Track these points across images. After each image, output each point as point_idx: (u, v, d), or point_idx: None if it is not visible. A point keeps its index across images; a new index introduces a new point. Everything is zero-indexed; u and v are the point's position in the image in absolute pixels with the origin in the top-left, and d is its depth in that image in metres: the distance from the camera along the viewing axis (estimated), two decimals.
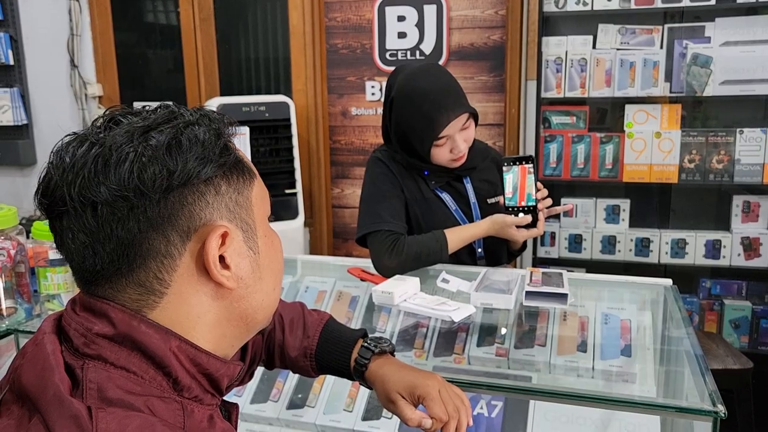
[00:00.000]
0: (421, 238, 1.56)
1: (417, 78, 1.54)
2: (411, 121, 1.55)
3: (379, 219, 1.58)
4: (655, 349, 1.39)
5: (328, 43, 3.17)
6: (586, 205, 2.80)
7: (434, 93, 1.51)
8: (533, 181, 1.52)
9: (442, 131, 1.52)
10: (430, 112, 1.51)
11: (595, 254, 2.79)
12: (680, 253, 2.70)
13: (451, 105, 1.51)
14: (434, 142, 1.55)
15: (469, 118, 1.56)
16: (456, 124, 1.53)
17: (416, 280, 1.39)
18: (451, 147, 1.56)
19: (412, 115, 1.54)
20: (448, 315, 1.26)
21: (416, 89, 1.52)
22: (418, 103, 1.52)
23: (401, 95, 1.55)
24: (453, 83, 1.55)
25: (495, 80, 2.99)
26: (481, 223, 1.60)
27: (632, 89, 2.65)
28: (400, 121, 1.58)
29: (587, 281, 1.61)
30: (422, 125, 1.53)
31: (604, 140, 2.73)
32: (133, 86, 3.51)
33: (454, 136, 1.55)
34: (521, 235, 1.54)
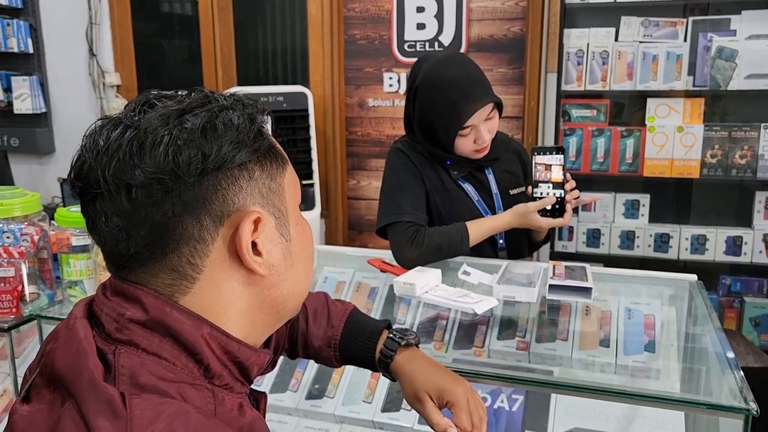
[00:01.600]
0: (442, 229, 1.55)
1: (443, 66, 1.52)
2: (437, 110, 1.54)
3: (400, 210, 1.57)
4: (679, 345, 1.37)
5: (346, 33, 3.15)
6: (605, 200, 2.77)
7: (461, 82, 1.49)
8: (562, 172, 1.50)
9: (468, 120, 1.50)
10: (456, 100, 1.49)
11: (613, 249, 2.77)
12: (700, 250, 2.67)
13: (478, 94, 1.49)
14: (459, 132, 1.53)
15: (493, 108, 1.54)
16: (481, 114, 1.51)
17: (437, 271, 1.38)
18: (476, 137, 1.55)
19: (438, 103, 1.52)
20: (470, 307, 1.25)
21: (443, 77, 1.51)
22: (445, 91, 1.50)
23: (427, 83, 1.53)
24: (479, 72, 1.54)
25: (514, 72, 2.96)
26: (503, 215, 1.58)
27: (654, 83, 2.61)
28: (425, 109, 1.56)
29: (609, 276, 1.59)
30: (448, 114, 1.51)
31: (625, 134, 2.70)
32: (150, 76, 3.52)
33: (478, 126, 1.53)
34: (546, 222, 1.52)
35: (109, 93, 3.46)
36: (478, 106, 1.49)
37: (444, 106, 1.52)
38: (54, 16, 3.43)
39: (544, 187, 1.52)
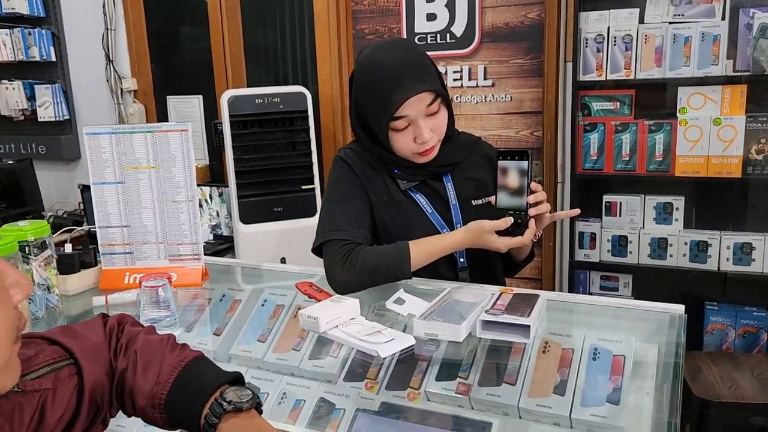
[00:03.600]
0: (380, 249, 1.35)
1: (378, 51, 1.34)
2: (368, 99, 1.35)
3: (335, 227, 1.38)
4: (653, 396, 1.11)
5: (355, 28, 2.97)
6: (633, 203, 2.46)
7: (393, 67, 1.30)
8: (527, 181, 1.26)
9: (399, 110, 1.30)
10: (385, 87, 1.30)
11: (642, 259, 2.45)
12: (745, 260, 2.31)
13: (411, 81, 1.29)
14: (391, 124, 1.33)
15: (436, 101, 1.33)
16: (417, 106, 1.31)
17: (355, 302, 1.18)
18: (415, 134, 1.34)
19: (368, 91, 1.34)
20: (374, 349, 1.05)
21: (375, 63, 1.32)
22: (376, 77, 1.31)
23: (360, 70, 1.36)
24: (419, 59, 1.33)
25: (532, 63, 2.69)
26: (456, 233, 1.36)
27: (687, 69, 2.28)
28: (358, 100, 1.38)
29: (581, 305, 1.33)
30: (377, 103, 1.32)
31: (654, 128, 2.38)
32: (165, 80, 3.48)
33: (417, 120, 1.32)
34: (503, 243, 1.29)
35: (126, 98, 3.45)
36: (409, 94, 1.28)
37: (374, 95, 1.33)
38: (75, 23, 3.45)
39: (504, 197, 1.29)
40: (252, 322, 1.47)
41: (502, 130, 2.77)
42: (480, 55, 2.77)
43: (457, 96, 2.81)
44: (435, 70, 1.37)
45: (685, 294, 2.50)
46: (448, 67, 2.81)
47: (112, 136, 1.37)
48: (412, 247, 1.34)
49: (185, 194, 1.40)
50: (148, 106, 3.45)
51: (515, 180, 1.26)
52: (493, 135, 2.79)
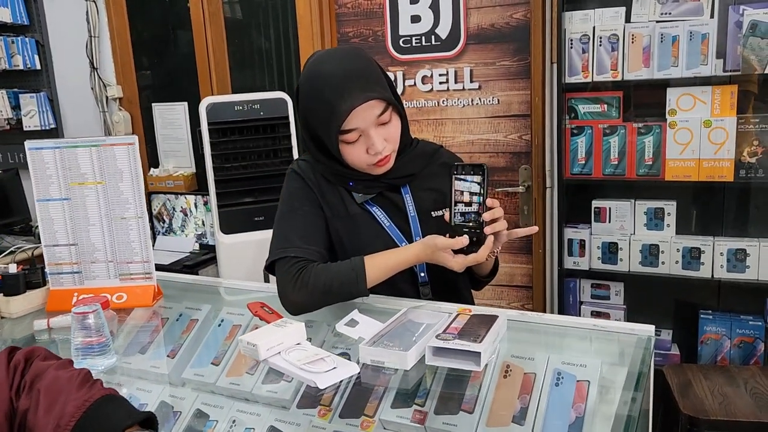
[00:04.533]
0: (333, 266, 1.28)
1: (321, 61, 1.28)
2: (314, 111, 1.29)
3: (287, 243, 1.32)
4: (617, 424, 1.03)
5: (339, 32, 2.91)
6: (622, 209, 2.37)
7: (337, 77, 1.23)
8: (483, 197, 1.19)
9: (346, 122, 1.24)
10: (330, 98, 1.23)
11: (633, 266, 2.36)
12: (739, 267, 2.22)
13: (357, 90, 1.22)
14: (340, 137, 1.26)
15: (387, 109, 1.26)
16: (366, 116, 1.24)
17: (300, 326, 1.11)
18: (367, 145, 1.27)
19: (314, 103, 1.27)
20: (312, 379, 0.98)
21: (320, 73, 1.26)
22: (321, 88, 1.25)
23: (304, 82, 1.29)
24: (364, 66, 1.26)
25: (520, 65, 2.61)
26: (412, 247, 1.29)
27: (676, 69, 2.19)
28: (305, 113, 1.32)
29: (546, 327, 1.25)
30: (324, 115, 1.26)
31: (643, 131, 2.29)
32: (151, 88, 3.43)
33: (367, 131, 1.26)
34: (457, 262, 1.22)
35: (112, 106, 3.40)
36: (355, 104, 1.21)
37: (320, 107, 1.26)
38: (59, 30, 3.41)
39: (459, 214, 1.22)
40: (207, 343, 1.41)
41: (490, 134, 2.70)
42: (466, 58, 2.69)
43: (443, 99, 2.74)
44: (384, 77, 1.31)
45: (678, 302, 2.42)
46: (433, 70, 2.74)
47: (55, 151, 1.31)
48: (367, 263, 1.27)
49: (134, 210, 1.34)
50: (133, 114, 3.41)
51: (470, 195, 1.19)
52: (480, 139, 2.71)
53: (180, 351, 1.38)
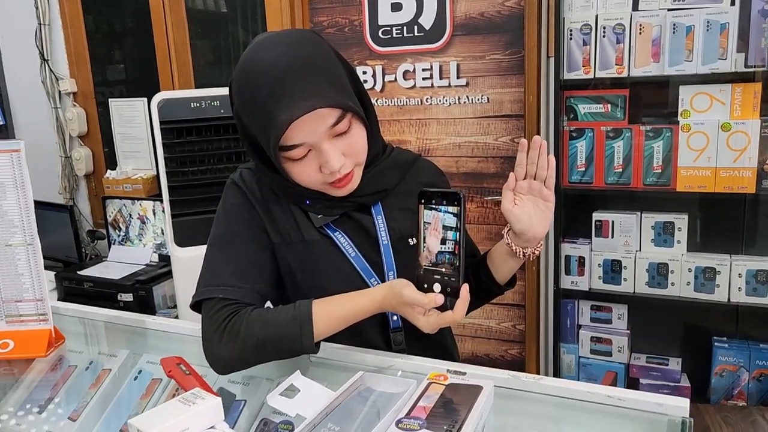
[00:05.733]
0: (272, 314, 0.99)
1: (258, 50, 0.97)
2: (250, 117, 1.00)
3: (216, 280, 1.03)
4: None
5: (312, 21, 2.62)
6: (628, 222, 2.10)
7: (275, 76, 0.93)
8: (459, 232, 0.91)
9: (286, 136, 0.95)
10: (266, 104, 0.94)
11: (639, 287, 2.10)
12: (760, 290, 1.96)
13: (299, 94, 0.92)
14: (282, 154, 0.98)
15: (344, 117, 0.97)
16: (314, 128, 0.95)
17: (216, 402, 0.83)
18: (320, 162, 0.99)
19: (249, 105, 0.98)
20: None
21: (253, 67, 0.96)
22: (256, 86, 0.95)
23: (238, 74, 0.99)
24: (312, 60, 0.95)
25: (512, 59, 2.33)
26: (376, 291, 1.00)
27: (690, 64, 1.92)
28: (240, 113, 1.02)
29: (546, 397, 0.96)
30: (261, 123, 0.97)
31: (651, 135, 2.02)
32: (107, 82, 3.13)
33: (319, 146, 0.97)
34: (427, 322, 0.94)
35: (65, 101, 3.10)
36: (295, 114, 0.92)
37: (256, 112, 0.97)
38: (4, 16, 3.09)
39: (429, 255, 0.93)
40: (119, 402, 1.12)
41: (479, 136, 2.42)
42: (452, 51, 2.41)
43: (427, 97, 2.46)
44: (344, 72, 1.01)
45: (689, 328, 2.15)
46: (416, 65, 2.45)
47: None
48: (317, 311, 0.98)
49: (22, 236, 1.05)
50: (88, 110, 3.11)
51: (444, 231, 0.91)
52: (468, 142, 2.43)
53: (84, 412, 1.10)
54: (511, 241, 1.09)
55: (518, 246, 1.09)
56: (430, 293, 0.93)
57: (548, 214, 1.06)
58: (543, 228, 1.07)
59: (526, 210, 1.05)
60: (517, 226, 1.05)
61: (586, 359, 2.20)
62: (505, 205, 1.05)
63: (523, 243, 1.08)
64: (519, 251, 1.09)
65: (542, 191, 1.05)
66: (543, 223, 1.06)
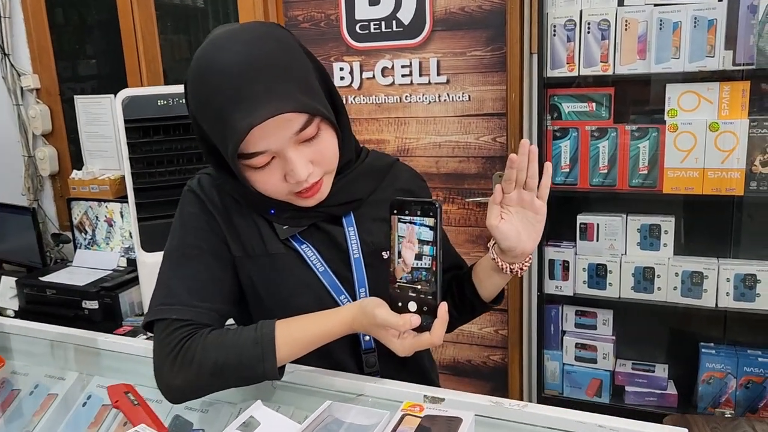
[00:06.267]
0: (231, 336, 0.90)
1: (219, 44, 0.86)
2: (207, 120, 0.90)
3: (171, 298, 0.93)
4: None
5: (286, 15, 2.51)
6: (613, 225, 2.04)
7: (232, 76, 0.83)
8: (436, 246, 0.82)
9: (248, 143, 0.85)
10: (224, 106, 0.84)
11: (625, 292, 2.03)
12: (748, 295, 1.90)
13: (260, 97, 0.83)
14: (243, 162, 0.88)
15: (311, 121, 0.88)
16: (277, 134, 0.86)
17: None
18: (285, 171, 0.89)
19: (205, 109, 0.88)
20: None
21: (208, 66, 0.85)
22: (211, 87, 0.85)
23: (193, 73, 0.89)
24: (275, 57, 0.85)
25: (494, 56, 2.25)
26: (344, 311, 0.92)
27: (677, 61, 1.86)
28: (196, 115, 0.92)
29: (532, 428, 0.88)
30: (218, 128, 0.87)
31: (637, 135, 1.96)
32: (73, 77, 3.00)
33: (283, 153, 0.88)
34: (402, 345, 0.86)
35: (28, 98, 2.96)
36: (257, 119, 0.82)
37: (213, 116, 0.87)
38: None
39: (403, 272, 0.85)
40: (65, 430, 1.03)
41: (460, 135, 2.34)
42: (432, 46, 2.32)
43: (406, 95, 2.37)
44: (309, 73, 0.90)
45: (676, 334, 2.10)
46: (395, 61, 2.36)
47: None
48: (280, 333, 0.89)
49: None
50: (53, 107, 2.97)
51: (420, 245, 0.82)
52: (449, 141, 2.35)
53: None
54: (496, 256, 1.01)
55: (505, 262, 1.00)
56: (405, 314, 0.84)
57: (538, 227, 0.98)
58: (532, 242, 0.98)
59: (514, 225, 0.97)
60: (504, 243, 0.97)
61: (571, 366, 2.13)
62: (490, 221, 0.97)
63: (510, 259, 1.00)
64: (506, 267, 1.01)
65: (533, 203, 0.96)
66: (532, 237, 0.98)
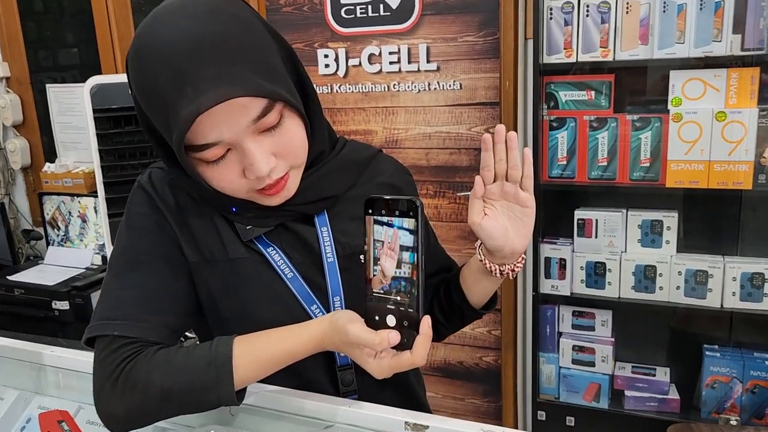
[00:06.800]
0: (183, 356, 0.78)
1: (159, 22, 0.73)
2: (150, 106, 0.77)
3: (115, 312, 0.81)
4: None
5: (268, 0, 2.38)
6: (612, 221, 1.92)
7: (178, 55, 0.70)
8: (417, 252, 0.70)
9: (197, 133, 0.73)
10: (167, 89, 0.72)
11: (625, 292, 1.92)
12: (755, 295, 1.79)
13: (207, 81, 0.70)
14: (193, 155, 0.76)
15: (272, 107, 0.75)
16: (233, 120, 0.73)
17: None
18: (244, 165, 0.77)
19: (147, 92, 0.75)
20: None
21: (152, 46, 0.72)
22: (153, 73, 0.73)
23: (132, 57, 0.76)
24: (227, 35, 0.72)
25: (487, 42, 2.12)
26: (313, 326, 0.80)
27: (681, 47, 1.74)
28: (138, 100, 0.79)
29: None
30: (163, 118, 0.75)
31: (639, 125, 1.84)
32: (44, 65, 2.86)
33: (241, 143, 0.75)
34: (378, 367, 0.74)
35: None
36: (204, 104, 0.70)
37: (155, 103, 0.75)
38: None
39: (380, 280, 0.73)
40: None
41: (451, 125, 2.21)
42: (421, 32, 2.19)
43: (394, 83, 2.24)
44: (271, 53, 0.77)
45: (678, 336, 1.99)
46: (382, 48, 2.23)
47: None
48: (239, 352, 0.77)
49: None
50: (24, 96, 2.83)
51: (400, 251, 0.70)
52: (439, 132, 2.23)
53: None
54: (484, 257, 0.89)
55: (493, 263, 0.89)
56: (383, 330, 0.72)
57: (528, 223, 0.86)
58: (522, 240, 0.87)
59: (500, 221, 0.85)
60: (491, 243, 0.85)
61: (568, 370, 2.02)
62: (472, 218, 0.85)
63: (499, 260, 0.88)
64: (495, 269, 0.89)
65: (518, 195, 0.84)
66: (522, 234, 0.86)
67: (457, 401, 2.40)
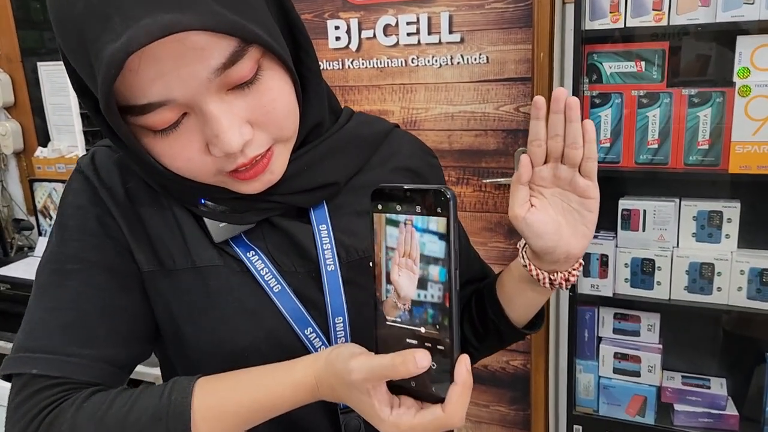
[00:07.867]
0: (120, 405, 0.56)
1: None
2: (73, 55, 0.55)
3: (34, 341, 0.60)
4: None
5: None
6: (663, 212, 1.68)
7: None
8: (449, 265, 0.48)
9: (133, 85, 0.52)
10: (88, 24, 0.50)
11: (676, 293, 1.68)
12: None
13: (146, 3, 0.48)
14: (133, 120, 0.54)
15: (244, 52, 0.53)
16: (187, 68, 0.51)
17: None
18: (208, 136, 0.55)
19: (67, 33, 0.53)
20: None
21: None
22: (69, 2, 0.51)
23: None
24: None
25: (518, 8, 1.88)
26: (305, 365, 0.58)
27: (750, 8, 1.49)
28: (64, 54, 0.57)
29: None
30: (85, 65, 0.53)
31: (697, 101, 1.59)
32: (35, 44, 2.67)
33: (200, 104, 0.53)
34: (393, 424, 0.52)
35: None
36: (136, 39, 0.47)
37: (75, 39, 0.52)
38: None
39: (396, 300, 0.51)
40: None
41: (477, 104, 1.98)
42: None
43: (412, 57, 2.01)
44: None
45: (737, 343, 1.75)
46: (399, 17, 2.00)
47: None
48: (199, 401, 0.55)
49: None
50: (14, 75, 2.64)
51: (426, 265, 0.48)
52: (463, 112, 1.99)
53: None
54: (529, 262, 0.67)
55: (542, 271, 0.67)
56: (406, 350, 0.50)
57: (589, 218, 0.65)
58: (580, 240, 0.65)
59: (551, 215, 0.63)
60: (538, 243, 0.63)
61: (608, 380, 1.79)
62: (515, 210, 0.63)
63: (548, 265, 0.66)
64: (543, 278, 0.67)
65: (576, 182, 0.63)
66: (580, 232, 0.65)
67: (480, 408, 2.19)
